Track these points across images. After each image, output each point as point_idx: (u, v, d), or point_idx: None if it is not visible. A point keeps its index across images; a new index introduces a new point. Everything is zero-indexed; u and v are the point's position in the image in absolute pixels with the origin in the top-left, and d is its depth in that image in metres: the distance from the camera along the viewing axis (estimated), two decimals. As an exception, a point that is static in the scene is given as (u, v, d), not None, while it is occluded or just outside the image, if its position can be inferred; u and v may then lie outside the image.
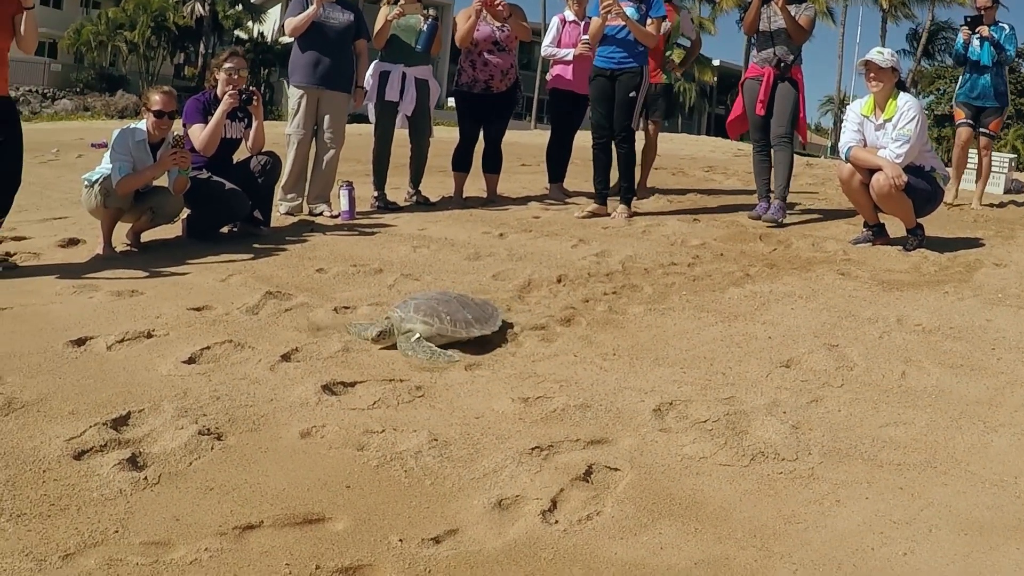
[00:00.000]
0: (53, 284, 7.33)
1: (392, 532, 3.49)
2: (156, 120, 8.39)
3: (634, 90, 10.46)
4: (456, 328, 5.62)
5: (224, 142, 9.23)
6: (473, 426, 4.48)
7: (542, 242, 9.06)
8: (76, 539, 3.43)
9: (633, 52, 10.45)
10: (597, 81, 10.68)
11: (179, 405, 4.67)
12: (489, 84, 11.46)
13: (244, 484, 3.88)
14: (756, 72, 10.48)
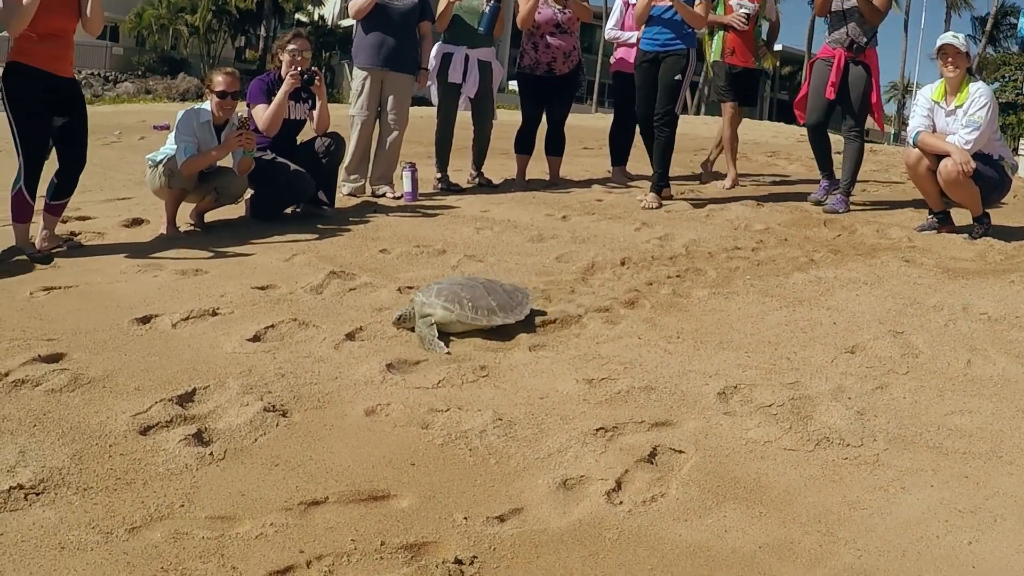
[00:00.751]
0: (118, 263, 7.38)
1: (457, 510, 3.49)
2: (219, 101, 8.43)
3: (680, 73, 10.19)
4: (477, 315, 5.52)
5: (288, 123, 9.26)
6: (537, 406, 4.48)
7: (605, 225, 9.04)
8: (142, 512, 3.45)
9: (680, 34, 10.18)
10: (642, 68, 10.48)
11: (244, 382, 4.70)
12: (551, 66, 11.31)
13: (309, 460, 3.89)
14: (827, 53, 10.14)
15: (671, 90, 10.23)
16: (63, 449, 3.99)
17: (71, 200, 8.16)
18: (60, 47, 7.60)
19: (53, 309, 6.21)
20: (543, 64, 11.33)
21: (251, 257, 7.60)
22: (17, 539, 3.28)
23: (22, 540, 3.28)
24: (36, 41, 7.44)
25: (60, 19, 7.52)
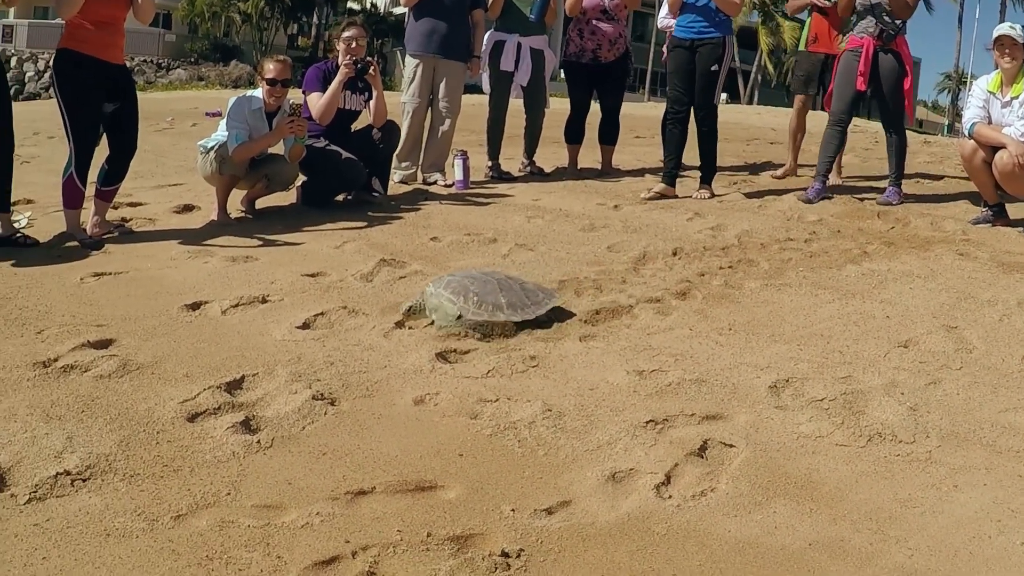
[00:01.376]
0: (168, 249, 7.42)
1: (504, 502, 3.47)
2: (270, 88, 8.46)
3: (716, 63, 9.89)
4: (479, 310, 5.37)
5: (342, 112, 9.29)
6: (587, 397, 4.45)
7: (657, 214, 8.98)
8: (188, 500, 3.45)
9: (714, 21, 9.87)
10: (675, 52, 10.11)
11: (293, 370, 4.71)
12: (597, 54, 11.21)
13: (357, 450, 3.88)
14: (855, 44, 9.81)
15: (709, 81, 9.97)
16: (110, 435, 4.00)
17: (123, 186, 8.21)
18: (110, 34, 7.64)
19: (103, 295, 6.24)
20: (588, 51, 11.23)
21: (301, 244, 7.61)
22: (63, 525, 3.29)
23: (68, 526, 3.28)
24: (87, 28, 7.49)
25: (111, 7, 7.57)
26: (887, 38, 9.56)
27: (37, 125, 16.40)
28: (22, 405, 4.38)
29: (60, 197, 7.87)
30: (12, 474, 3.68)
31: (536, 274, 6.59)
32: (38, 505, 3.44)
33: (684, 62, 10.01)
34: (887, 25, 9.49)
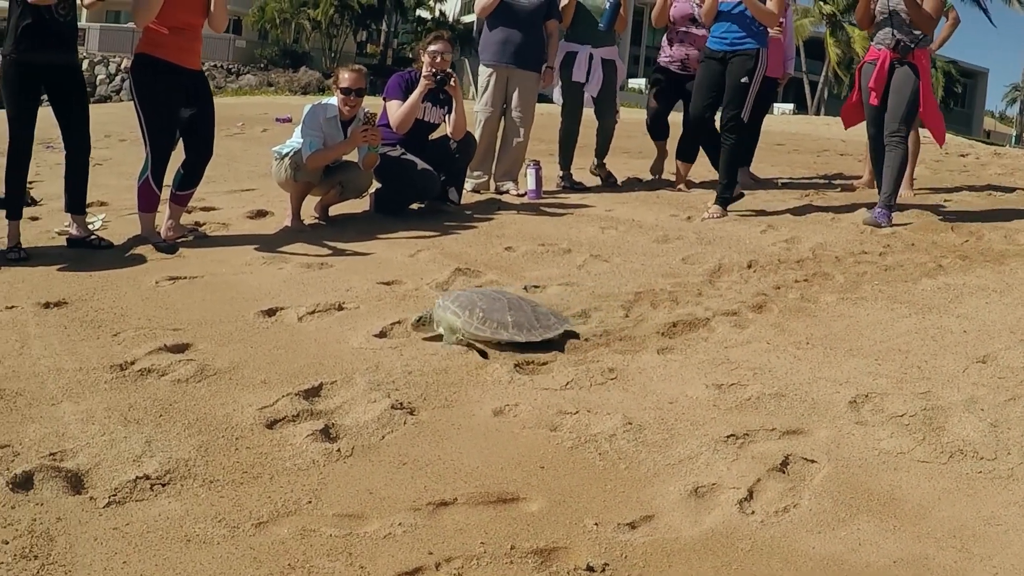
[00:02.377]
0: (243, 254, 7.45)
1: (587, 515, 3.43)
2: (344, 97, 8.49)
3: (747, 75, 9.40)
4: (482, 327, 5.22)
5: (421, 124, 9.32)
6: (667, 411, 4.40)
7: (730, 227, 8.93)
8: (269, 507, 3.44)
9: (750, 32, 9.39)
10: (705, 64, 9.75)
11: (371, 378, 4.69)
12: (686, 64, 11.02)
13: (437, 460, 3.86)
14: (873, 55, 9.37)
15: (738, 93, 9.47)
16: (189, 440, 4.00)
17: (196, 190, 8.26)
18: (187, 40, 7.73)
19: (178, 299, 6.27)
20: (677, 60, 11.10)
21: (376, 252, 7.63)
22: (143, 529, 3.29)
23: (148, 531, 3.28)
24: (164, 34, 7.57)
25: (188, 13, 7.66)
26: (903, 50, 9.09)
27: (109, 128, 16.53)
28: (100, 407, 4.40)
29: (135, 200, 7.92)
30: (90, 476, 3.70)
31: (611, 285, 6.60)
32: (117, 509, 3.45)
33: (713, 74, 9.66)
34: (904, 36, 9.04)
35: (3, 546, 3.17)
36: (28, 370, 4.97)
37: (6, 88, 7.60)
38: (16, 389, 4.67)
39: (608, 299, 6.22)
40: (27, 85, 7.48)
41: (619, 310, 5.98)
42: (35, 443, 4.01)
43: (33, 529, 3.28)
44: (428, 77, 9.04)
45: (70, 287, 6.57)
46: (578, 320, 5.75)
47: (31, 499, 3.51)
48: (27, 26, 7.27)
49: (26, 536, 3.24)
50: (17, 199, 7.74)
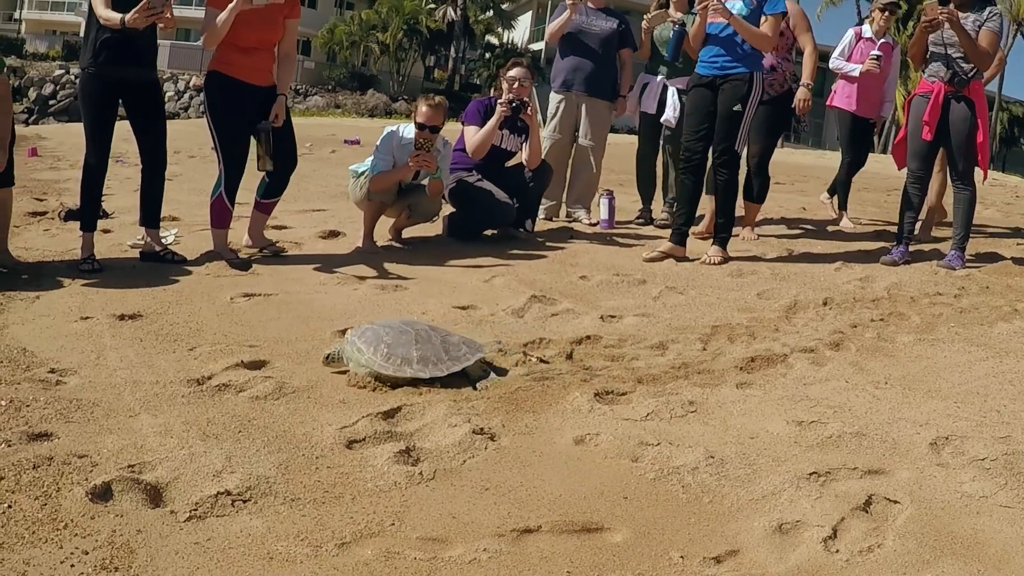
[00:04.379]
0: (316, 274, 7.49)
1: (672, 548, 3.39)
2: (418, 132, 8.52)
3: (739, 102, 8.60)
4: (386, 364, 5.01)
5: (497, 150, 9.39)
6: (748, 446, 4.35)
7: (803, 263, 8.88)
8: (352, 528, 3.43)
9: (740, 56, 8.63)
10: (694, 92, 8.94)
11: (450, 403, 4.68)
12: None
13: (520, 487, 3.83)
14: (926, 88, 8.94)
15: (730, 123, 8.65)
16: (269, 457, 4.00)
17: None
18: (259, 59, 7.87)
19: (254, 316, 6.28)
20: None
21: (449, 275, 7.66)
22: (224, 545, 3.29)
23: (229, 547, 3.28)
24: (235, 52, 7.69)
25: (259, 32, 7.77)
26: (959, 84, 8.68)
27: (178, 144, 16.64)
28: (178, 421, 4.41)
29: (207, 216, 7.97)
30: (169, 490, 3.70)
31: (688, 318, 6.59)
32: (198, 523, 3.44)
33: (703, 102, 8.80)
34: (960, 71, 8.66)
35: (83, 556, 3.18)
36: (105, 381, 5.00)
37: (84, 102, 7.69)
38: (93, 400, 4.69)
39: (685, 331, 6.19)
40: (104, 100, 7.56)
41: (696, 343, 5.95)
42: (113, 454, 4.02)
43: (113, 540, 3.29)
44: (504, 104, 9.05)
45: (144, 300, 6.60)
46: (655, 352, 5.71)
47: (110, 510, 3.51)
48: (105, 40, 7.35)
49: (106, 547, 3.24)
50: (92, 212, 7.79)
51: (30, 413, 4.49)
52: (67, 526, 3.38)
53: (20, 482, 3.72)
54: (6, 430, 4.26)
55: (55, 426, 4.34)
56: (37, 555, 3.18)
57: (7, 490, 3.65)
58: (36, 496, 3.61)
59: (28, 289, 6.92)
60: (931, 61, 8.88)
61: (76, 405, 4.61)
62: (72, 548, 3.23)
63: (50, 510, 3.50)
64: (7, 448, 4.06)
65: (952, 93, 8.71)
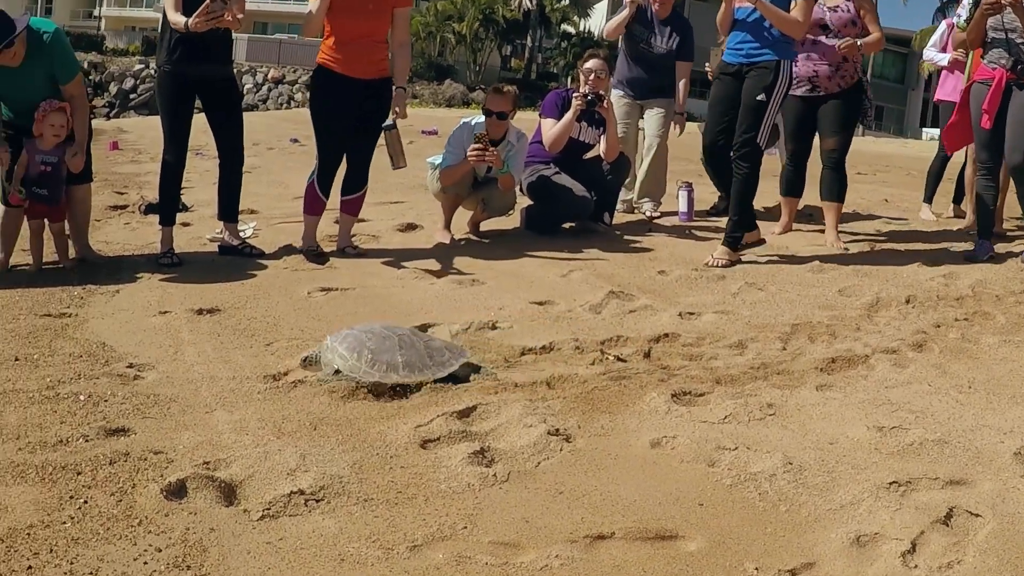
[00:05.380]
0: (394, 267, 7.53)
1: (747, 558, 3.32)
2: (487, 118, 8.57)
3: (763, 92, 8.02)
4: (371, 370, 4.91)
5: (575, 143, 9.35)
6: (827, 452, 4.26)
7: (885, 258, 8.73)
8: (424, 531, 3.40)
9: (767, 42, 8.06)
10: (719, 81, 8.48)
11: (526, 402, 4.63)
12: (814, 83, 9.05)
13: (594, 491, 3.78)
14: (986, 75, 8.50)
15: (753, 113, 8.08)
16: (343, 456, 3.99)
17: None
18: (364, 51, 7.83)
19: (331, 310, 6.29)
20: (803, 79, 9.06)
21: (527, 269, 7.64)
22: (296, 545, 3.28)
23: (301, 547, 3.27)
24: (338, 46, 7.75)
25: (364, 25, 7.76)
26: (1022, 71, 8.28)
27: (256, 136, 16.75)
28: (253, 418, 4.42)
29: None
30: (243, 488, 3.71)
31: (767, 315, 6.50)
32: (271, 523, 3.44)
33: (728, 91, 8.32)
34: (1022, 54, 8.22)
35: (156, 553, 3.19)
36: (182, 376, 5.02)
37: (160, 99, 7.82)
38: (170, 395, 4.71)
39: (764, 330, 6.10)
40: (180, 96, 7.65)
41: (776, 342, 5.85)
42: (189, 451, 4.03)
43: (186, 538, 3.30)
44: (579, 97, 9.01)
45: (222, 295, 6.63)
46: (734, 352, 5.65)
47: (184, 507, 3.53)
48: (179, 39, 7.40)
49: (179, 545, 3.25)
50: (171, 207, 7.85)
51: (108, 408, 4.53)
52: (141, 523, 3.40)
53: (96, 478, 3.76)
54: (84, 425, 4.30)
55: (132, 421, 4.37)
56: (111, 551, 3.20)
57: (84, 485, 3.69)
58: (112, 492, 3.64)
59: (108, 283, 6.99)
60: (991, 47, 8.50)
61: (153, 400, 4.64)
62: (146, 545, 3.24)
63: (125, 506, 3.52)
64: (85, 443, 4.10)
65: (1014, 81, 8.36)
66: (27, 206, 7.37)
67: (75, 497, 3.59)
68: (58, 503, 3.54)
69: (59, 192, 7.40)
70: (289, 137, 21.85)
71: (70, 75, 7.43)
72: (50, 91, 7.32)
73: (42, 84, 7.30)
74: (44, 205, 7.38)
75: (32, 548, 3.21)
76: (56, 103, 7.24)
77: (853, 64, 9.09)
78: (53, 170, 7.29)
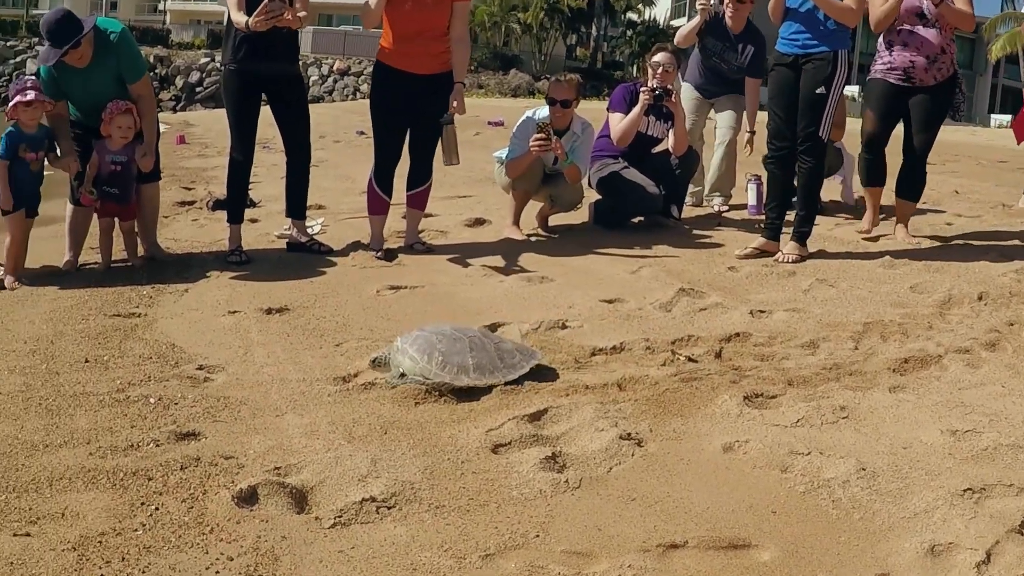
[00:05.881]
0: (462, 265, 7.49)
1: (821, 569, 3.28)
2: (550, 107, 8.56)
3: (823, 84, 7.89)
4: (442, 372, 4.85)
5: (643, 137, 9.30)
6: (901, 457, 4.19)
7: (958, 252, 8.58)
8: (496, 539, 3.37)
9: (822, 33, 7.86)
10: (776, 72, 8.23)
11: (598, 405, 4.59)
12: (910, 73, 8.53)
13: (667, 497, 3.74)
14: None
15: (813, 107, 7.95)
16: (414, 461, 3.98)
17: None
18: (422, 46, 7.78)
19: (399, 309, 6.29)
20: (898, 68, 8.60)
21: (596, 266, 7.62)
22: (368, 554, 3.27)
23: (373, 556, 3.26)
24: (396, 41, 7.74)
25: (422, 19, 7.72)
26: None
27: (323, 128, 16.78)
28: (324, 421, 4.42)
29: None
30: (315, 494, 3.71)
31: (839, 313, 6.41)
32: (342, 531, 3.43)
33: (787, 84, 8.13)
34: None
35: (228, 563, 3.19)
36: (252, 378, 5.03)
37: (227, 97, 7.86)
38: (240, 398, 4.73)
39: (836, 329, 6.00)
40: (245, 94, 7.70)
41: (848, 341, 5.76)
42: (259, 456, 4.04)
43: (258, 547, 3.29)
44: (647, 92, 8.95)
45: (291, 293, 6.65)
46: (806, 351, 5.59)
47: (255, 515, 3.53)
48: (243, 37, 7.43)
49: (251, 553, 3.25)
50: (239, 204, 7.89)
51: (178, 411, 4.56)
52: (213, 530, 3.41)
53: (168, 484, 3.77)
54: (155, 429, 4.32)
55: (202, 425, 4.39)
56: (183, 560, 3.21)
57: (155, 492, 3.70)
58: (183, 499, 3.65)
59: (177, 282, 7.04)
60: None
61: (223, 403, 4.66)
62: (217, 554, 3.25)
63: (196, 513, 3.53)
64: (155, 448, 4.12)
65: None
66: (98, 206, 7.43)
67: (146, 504, 3.61)
68: (129, 510, 3.55)
69: (129, 191, 7.48)
70: (356, 129, 21.88)
71: (137, 75, 7.49)
72: (117, 91, 7.38)
73: (109, 84, 7.36)
74: (115, 204, 7.45)
75: (104, 556, 3.22)
76: (123, 104, 7.30)
77: (950, 56, 8.63)
78: (123, 169, 7.36)
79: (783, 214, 8.38)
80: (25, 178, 7.24)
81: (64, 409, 4.60)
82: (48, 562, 3.18)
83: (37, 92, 7.09)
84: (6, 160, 7.09)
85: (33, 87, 7.14)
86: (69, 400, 4.72)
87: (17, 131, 7.14)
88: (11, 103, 7.07)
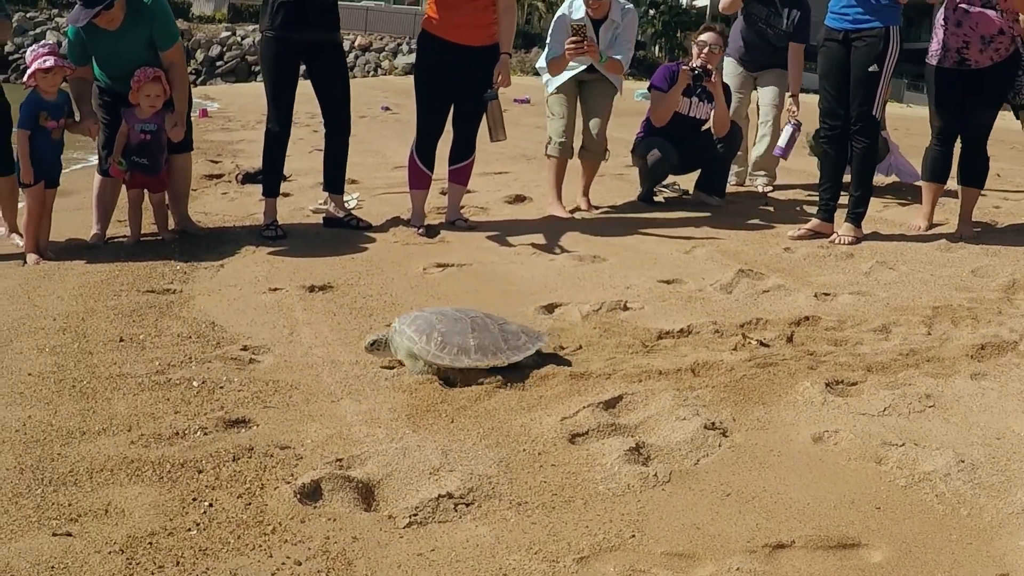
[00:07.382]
0: (508, 243, 7.31)
1: (938, 570, 3.08)
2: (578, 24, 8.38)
3: (875, 62, 7.60)
4: (441, 353, 4.65)
5: (686, 119, 9.13)
6: (996, 448, 3.97)
7: (1012, 236, 8.30)
8: (589, 540, 3.16)
9: (873, 8, 7.54)
10: (826, 48, 7.94)
11: (676, 391, 4.38)
12: (964, 55, 7.93)
13: (763, 492, 3.53)
14: None
15: (866, 85, 7.68)
16: (488, 453, 3.78)
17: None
18: (469, 15, 7.55)
19: (448, 288, 6.12)
20: (952, 51, 7.99)
21: (647, 246, 7.43)
22: (451, 557, 3.06)
23: (456, 559, 3.05)
24: (442, 9, 7.51)
25: None
26: None
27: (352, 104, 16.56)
28: (383, 408, 4.24)
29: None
30: (383, 489, 3.52)
31: (905, 297, 6.19)
32: (419, 531, 3.22)
33: (838, 60, 7.84)
34: None
35: (296, 567, 2.99)
36: (300, 360, 4.86)
37: (264, 66, 7.73)
38: (290, 381, 4.55)
39: (906, 313, 5.79)
40: (284, 63, 7.54)
41: (920, 326, 5.54)
42: (318, 446, 3.85)
43: (327, 549, 3.09)
44: (685, 71, 8.81)
45: (333, 270, 6.48)
46: (879, 336, 5.37)
47: (321, 512, 3.33)
48: (281, 3, 7.24)
49: (320, 557, 3.05)
50: (275, 177, 7.71)
51: (224, 396, 4.38)
52: (275, 530, 3.20)
53: (220, 477, 3.58)
54: (201, 415, 4.14)
55: (252, 411, 4.20)
56: (245, 564, 3.01)
57: (207, 486, 3.51)
58: (239, 494, 3.45)
59: (211, 257, 6.89)
60: None
61: (273, 387, 4.48)
62: (283, 557, 3.04)
63: (255, 511, 3.33)
64: (203, 436, 3.93)
65: None
66: (127, 177, 7.22)
67: (199, 499, 3.41)
68: (180, 507, 3.36)
69: (159, 161, 7.32)
70: (380, 105, 21.79)
71: (170, 41, 7.32)
72: (148, 58, 7.20)
73: (141, 50, 7.18)
74: (144, 175, 7.29)
75: (156, 560, 3.02)
76: (151, 72, 7.12)
77: (1010, 36, 8.00)
78: (153, 138, 7.18)
79: (837, 194, 8.12)
80: (45, 148, 7.04)
81: (100, 392, 4.42)
82: (94, 566, 2.97)
83: (56, 58, 6.91)
84: (27, 131, 6.89)
85: (51, 52, 6.98)
86: (105, 382, 4.53)
87: (37, 98, 6.93)
88: (30, 70, 6.87)
